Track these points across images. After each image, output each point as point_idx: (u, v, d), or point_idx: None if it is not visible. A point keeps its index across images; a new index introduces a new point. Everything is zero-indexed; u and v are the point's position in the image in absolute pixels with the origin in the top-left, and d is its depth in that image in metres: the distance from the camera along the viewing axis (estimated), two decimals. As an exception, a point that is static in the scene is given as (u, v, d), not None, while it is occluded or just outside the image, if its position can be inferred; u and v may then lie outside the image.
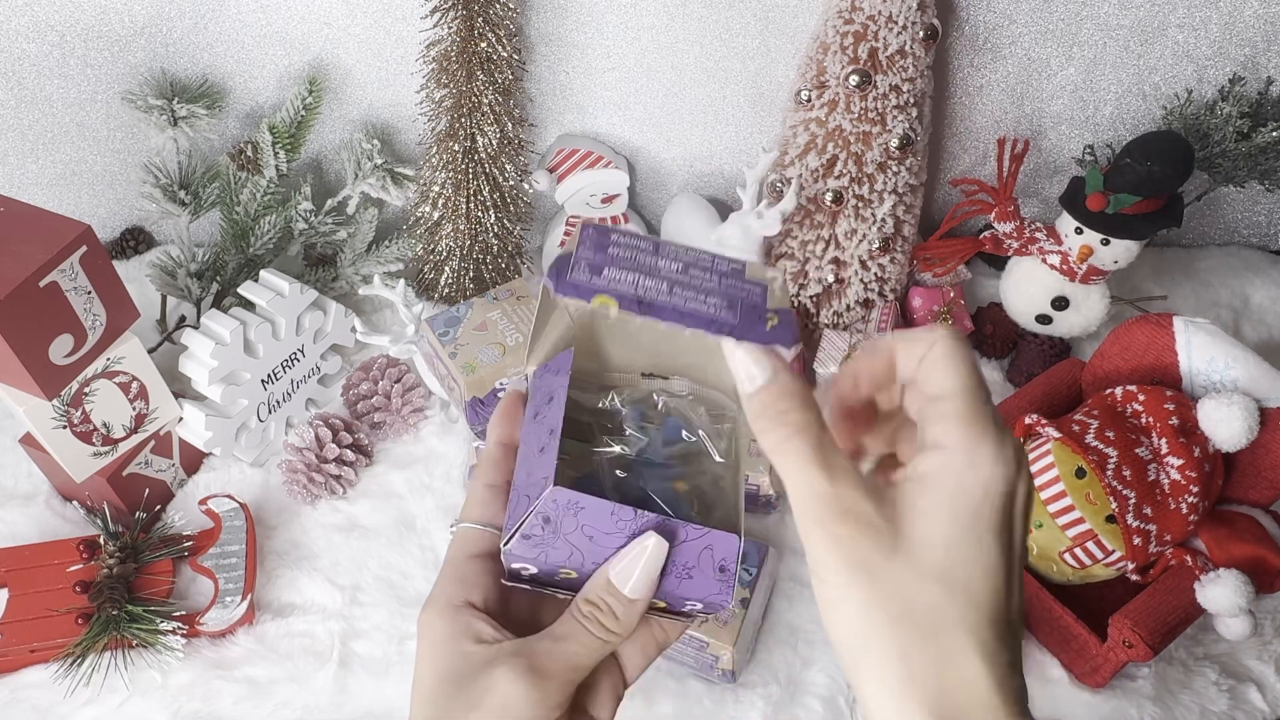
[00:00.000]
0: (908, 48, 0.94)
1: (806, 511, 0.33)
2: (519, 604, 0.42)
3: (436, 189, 1.04)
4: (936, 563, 0.31)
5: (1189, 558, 0.80)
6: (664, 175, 1.17)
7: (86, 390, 0.83)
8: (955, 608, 0.31)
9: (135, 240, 1.16)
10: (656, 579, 0.37)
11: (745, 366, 0.35)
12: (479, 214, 1.04)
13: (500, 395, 0.93)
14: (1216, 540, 0.80)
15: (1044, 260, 1.02)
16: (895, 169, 1.00)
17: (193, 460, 0.97)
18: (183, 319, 1.07)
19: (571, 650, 0.38)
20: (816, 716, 0.81)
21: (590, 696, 0.41)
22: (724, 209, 1.15)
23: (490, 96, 0.97)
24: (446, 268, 1.09)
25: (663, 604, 0.40)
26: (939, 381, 0.34)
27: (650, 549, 0.37)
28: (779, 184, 1.04)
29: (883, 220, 1.03)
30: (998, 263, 1.15)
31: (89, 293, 0.79)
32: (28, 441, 0.89)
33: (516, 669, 0.37)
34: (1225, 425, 0.79)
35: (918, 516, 0.32)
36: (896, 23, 0.93)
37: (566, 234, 1.13)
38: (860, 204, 1.02)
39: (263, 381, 0.94)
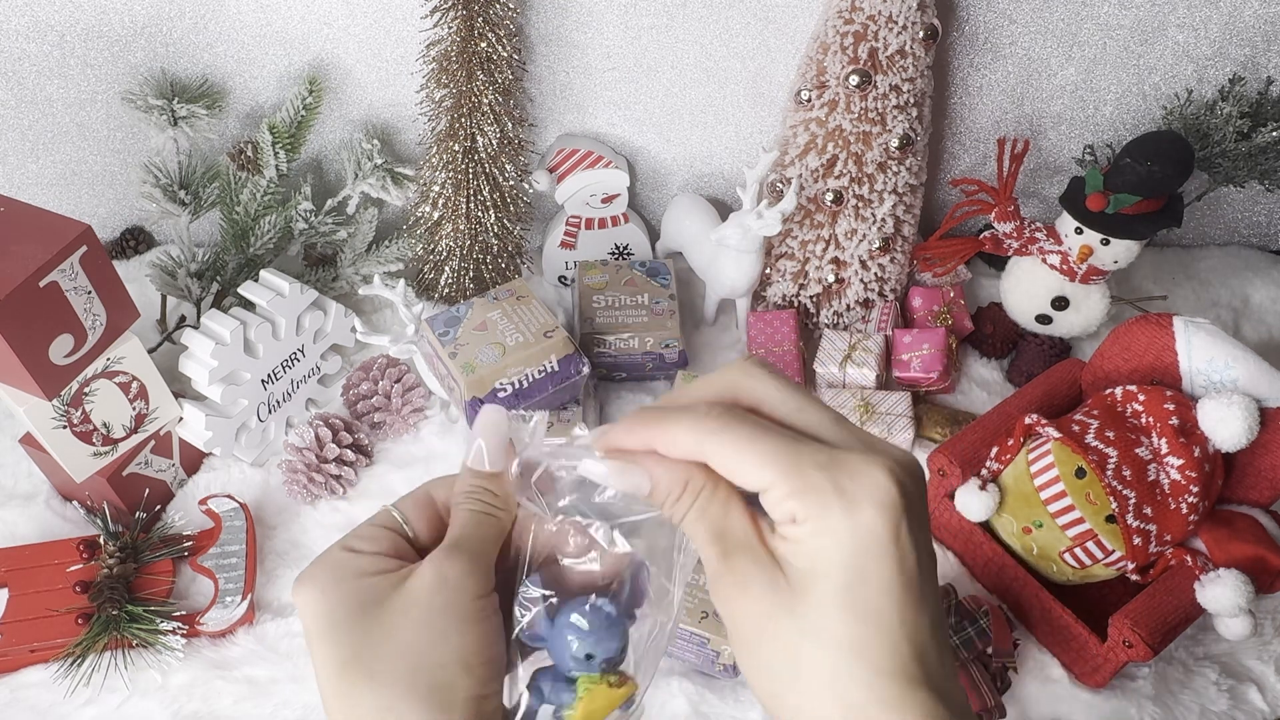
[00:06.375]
0: (908, 48, 0.94)
1: (709, 588, 0.36)
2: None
3: (436, 189, 1.04)
4: (833, 622, 0.33)
5: (1189, 558, 0.80)
6: (664, 175, 1.17)
7: (86, 390, 0.83)
8: (869, 635, 0.32)
9: (135, 240, 1.16)
10: (506, 446, 0.40)
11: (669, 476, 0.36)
12: (479, 214, 1.04)
13: (500, 394, 0.93)
14: (1216, 540, 0.80)
15: (1044, 260, 1.02)
16: (895, 169, 1.00)
17: (193, 460, 0.97)
18: (183, 319, 1.07)
19: (470, 533, 0.39)
20: (816, 716, 0.81)
21: None
22: (724, 209, 1.15)
23: (490, 96, 0.97)
24: (446, 268, 1.09)
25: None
26: (740, 472, 0.34)
27: (485, 423, 0.40)
28: (779, 184, 1.05)
29: (883, 220, 1.03)
30: (998, 263, 1.15)
31: (89, 293, 0.79)
32: (28, 441, 0.89)
33: (436, 559, 0.38)
34: (1225, 425, 0.79)
35: (807, 584, 0.33)
36: (896, 23, 0.93)
37: (567, 234, 1.14)
38: (860, 204, 1.02)
39: (263, 381, 0.94)
